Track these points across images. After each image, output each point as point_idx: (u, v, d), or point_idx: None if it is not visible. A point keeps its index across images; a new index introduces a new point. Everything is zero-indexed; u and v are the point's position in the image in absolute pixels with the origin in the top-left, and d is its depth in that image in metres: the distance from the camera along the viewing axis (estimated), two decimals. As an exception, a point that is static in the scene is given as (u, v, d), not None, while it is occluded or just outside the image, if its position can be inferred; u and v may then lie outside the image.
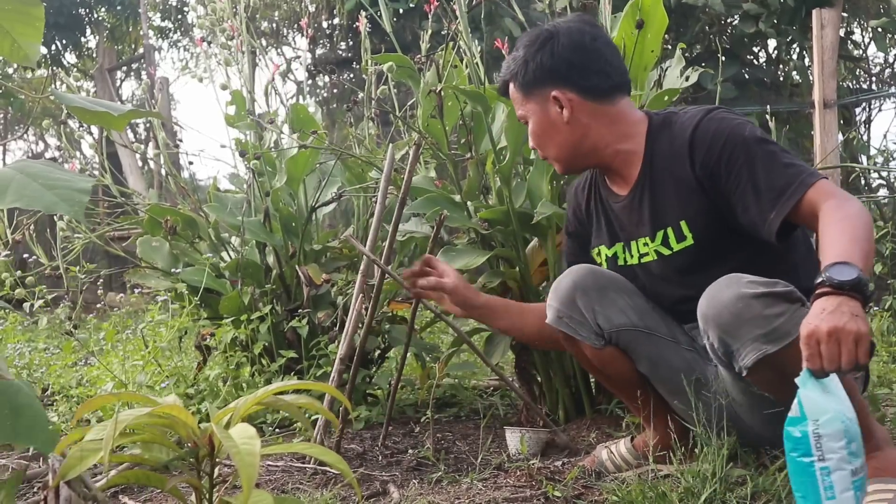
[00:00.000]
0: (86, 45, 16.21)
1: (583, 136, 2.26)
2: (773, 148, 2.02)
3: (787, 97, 8.68)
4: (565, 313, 2.31)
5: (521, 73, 2.28)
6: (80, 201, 1.32)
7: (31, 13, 1.41)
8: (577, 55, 2.22)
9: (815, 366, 1.62)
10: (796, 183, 1.94)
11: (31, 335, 5.17)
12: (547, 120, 2.27)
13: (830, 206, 1.87)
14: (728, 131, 2.06)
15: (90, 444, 1.37)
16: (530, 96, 2.29)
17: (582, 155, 2.30)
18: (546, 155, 2.36)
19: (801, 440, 1.62)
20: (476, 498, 2.22)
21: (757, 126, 2.10)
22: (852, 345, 1.59)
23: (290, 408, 1.60)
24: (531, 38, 2.28)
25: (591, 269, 2.35)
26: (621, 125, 2.26)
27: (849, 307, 1.62)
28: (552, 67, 2.23)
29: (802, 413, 1.62)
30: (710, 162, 2.07)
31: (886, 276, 5.24)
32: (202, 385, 3.33)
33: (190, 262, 3.68)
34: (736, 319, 1.91)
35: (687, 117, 2.16)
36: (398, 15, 9.60)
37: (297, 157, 3.44)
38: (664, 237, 2.22)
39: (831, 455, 1.59)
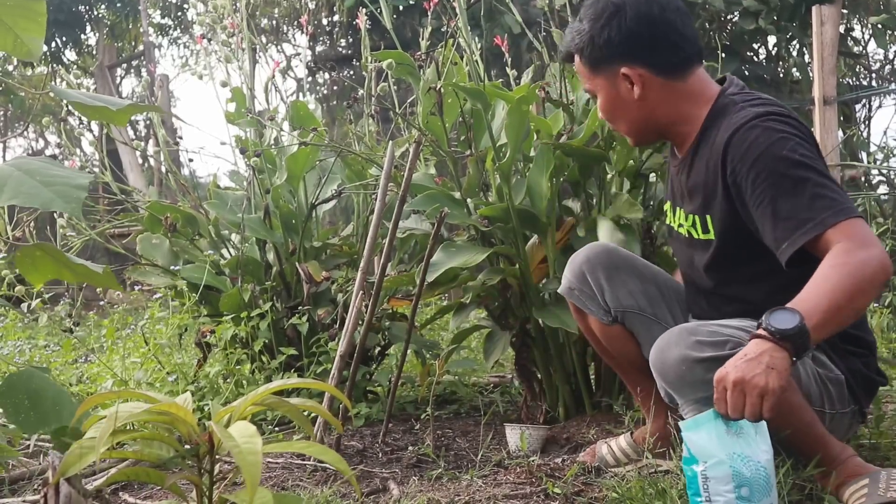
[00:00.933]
0: (86, 43, 16.19)
1: (652, 112, 2.17)
2: (807, 174, 1.87)
3: (787, 94, 8.67)
4: (576, 286, 2.36)
5: (588, 48, 2.16)
6: (78, 198, 1.33)
7: (34, 9, 1.42)
8: (647, 28, 2.10)
9: (720, 410, 1.66)
10: (817, 220, 1.82)
11: (31, 332, 5.17)
12: (617, 96, 2.18)
13: (840, 249, 1.78)
14: (765, 146, 1.92)
15: (90, 441, 1.37)
16: (598, 71, 2.18)
17: (652, 130, 2.23)
18: (616, 128, 2.34)
19: (692, 479, 1.68)
20: (476, 495, 2.22)
21: (802, 141, 1.94)
22: (756, 399, 1.62)
23: (289, 409, 1.60)
24: (597, 10, 2.15)
25: (607, 246, 2.40)
26: (688, 104, 2.15)
27: (770, 358, 1.64)
28: (620, 43, 2.11)
29: (691, 455, 1.68)
30: (740, 172, 1.97)
31: (886, 272, 5.23)
32: (202, 382, 3.34)
33: (190, 259, 3.68)
34: (679, 381, 1.92)
35: (739, 115, 2.03)
36: (398, 12, 9.59)
37: (298, 155, 3.44)
38: (694, 222, 2.18)
39: (717, 497, 1.64)
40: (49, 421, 1.59)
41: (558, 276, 3.00)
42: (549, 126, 2.98)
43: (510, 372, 3.97)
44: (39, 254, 1.55)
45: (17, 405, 1.58)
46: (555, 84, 3.16)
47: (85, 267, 1.57)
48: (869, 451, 2.35)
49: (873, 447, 2.38)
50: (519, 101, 2.84)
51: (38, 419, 1.59)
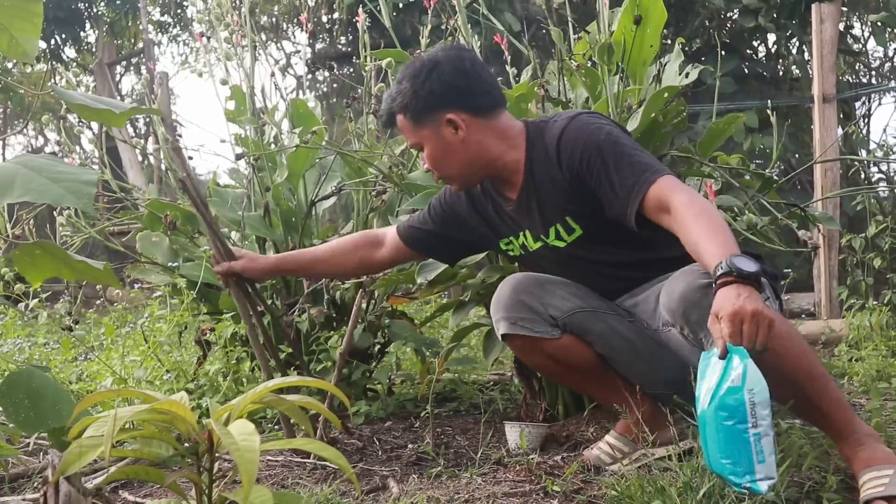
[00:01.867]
0: (85, 40, 16.18)
1: (478, 152, 2.41)
2: (623, 149, 2.23)
3: (786, 91, 8.68)
4: (517, 317, 2.45)
5: (412, 102, 2.38)
6: (88, 193, 1.33)
7: (30, 9, 1.42)
8: (462, 79, 2.37)
9: (735, 342, 1.78)
10: (640, 181, 2.16)
11: (30, 330, 5.17)
12: (443, 143, 2.40)
13: (683, 202, 2.07)
14: (585, 137, 2.27)
15: (89, 440, 1.38)
16: (422, 123, 2.40)
17: (478, 170, 2.46)
18: (443, 175, 2.49)
19: (737, 408, 1.75)
20: (475, 493, 2.23)
21: (613, 127, 2.31)
22: (766, 328, 1.79)
23: (288, 407, 1.60)
24: (415, 69, 2.39)
25: (523, 273, 2.58)
26: (507, 137, 2.43)
27: (746, 293, 1.81)
28: (442, 93, 2.35)
29: (742, 382, 1.76)
30: (574, 165, 2.29)
31: (886, 270, 5.24)
32: (202, 380, 3.34)
33: (190, 257, 3.68)
34: (700, 309, 2.03)
35: (556, 125, 2.35)
36: (398, 10, 9.58)
37: (298, 153, 3.44)
38: (556, 233, 2.43)
39: (762, 422, 1.74)
40: (49, 419, 1.60)
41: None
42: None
43: (510, 370, 3.97)
44: (39, 252, 1.55)
45: (17, 404, 1.58)
46: (553, 82, 3.16)
47: (85, 264, 1.57)
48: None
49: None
50: (518, 99, 2.84)
51: (37, 418, 1.60)
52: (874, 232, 5.35)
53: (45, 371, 1.68)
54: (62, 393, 1.62)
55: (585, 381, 2.59)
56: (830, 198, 4.95)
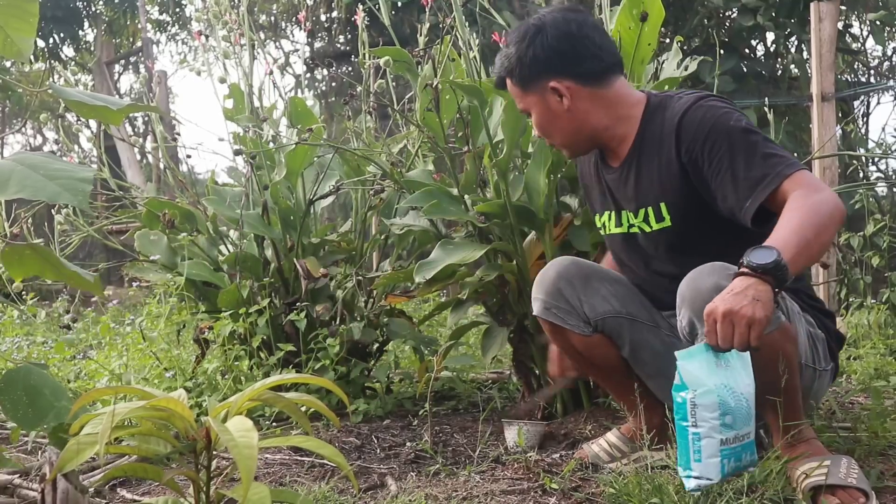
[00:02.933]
0: (84, 39, 16.17)
1: (583, 121, 2.30)
2: (756, 138, 2.06)
3: (785, 90, 8.67)
4: (552, 304, 2.42)
5: (517, 68, 2.31)
6: (84, 190, 1.33)
7: (26, 8, 1.42)
8: (567, 43, 2.26)
9: (711, 342, 1.78)
10: (773, 173, 1.98)
11: (29, 329, 5.17)
12: (548, 110, 2.31)
13: (798, 195, 1.92)
14: (714, 120, 2.10)
15: (87, 437, 1.38)
16: (529, 89, 2.32)
17: (584, 139, 2.35)
18: (552, 143, 2.44)
19: (680, 405, 1.81)
20: (474, 490, 2.23)
21: (745, 116, 2.13)
22: (744, 328, 1.74)
23: (286, 404, 1.60)
24: (520, 33, 2.31)
25: (573, 259, 2.49)
26: (618, 107, 2.30)
27: (755, 291, 1.76)
28: (546, 59, 2.26)
29: (682, 382, 1.80)
30: (695, 149, 2.12)
31: (884, 269, 5.24)
32: (200, 378, 3.34)
33: (188, 255, 3.69)
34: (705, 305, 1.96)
35: (680, 102, 2.20)
36: (396, 8, 9.58)
37: (296, 151, 3.44)
38: (645, 215, 2.30)
39: (703, 423, 1.77)
40: (47, 417, 1.60)
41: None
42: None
43: (508, 368, 3.97)
44: (28, 252, 1.55)
45: (15, 401, 1.58)
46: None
47: (75, 273, 1.57)
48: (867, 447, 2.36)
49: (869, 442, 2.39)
50: (516, 97, 2.84)
51: (35, 415, 1.60)
52: (872, 230, 5.35)
53: (43, 368, 1.68)
54: (60, 390, 1.62)
55: (604, 378, 2.58)
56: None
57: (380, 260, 4.17)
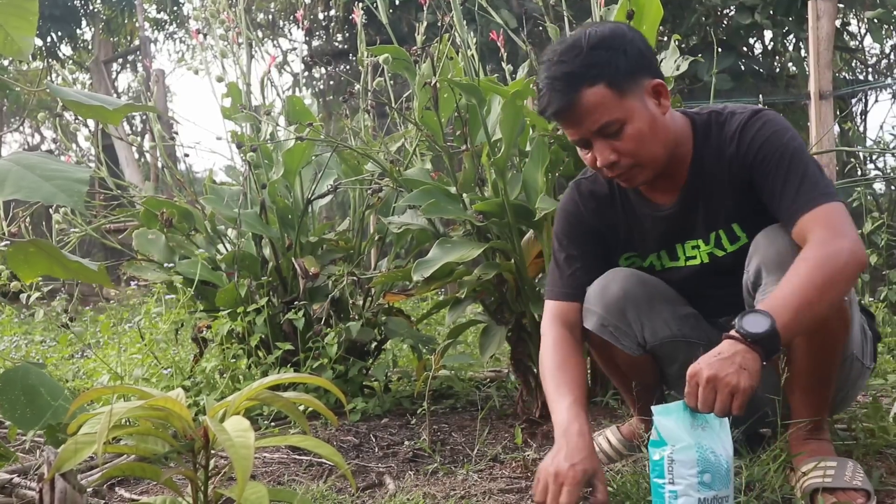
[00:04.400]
0: (81, 37, 16.16)
1: (672, 129, 2.10)
2: (807, 159, 1.98)
3: (783, 88, 8.69)
4: (611, 322, 2.22)
5: (614, 68, 1.97)
6: (79, 191, 1.33)
7: (26, 7, 1.42)
8: (646, 45, 2.07)
9: (690, 404, 1.73)
10: (808, 199, 1.91)
11: (27, 328, 5.17)
12: (650, 116, 2.03)
13: (816, 240, 1.84)
14: (772, 135, 2.01)
15: (85, 436, 1.38)
16: (628, 92, 2.00)
17: (670, 154, 2.10)
18: (642, 160, 2.06)
19: (657, 462, 1.75)
20: (472, 489, 2.23)
21: (795, 135, 2.03)
22: (727, 397, 1.69)
23: (284, 404, 1.60)
24: (603, 34, 2.00)
25: (639, 277, 2.25)
26: (676, 121, 2.12)
27: (742, 359, 1.70)
28: (639, 56, 2.02)
29: (661, 438, 1.75)
30: (755, 163, 2.02)
31: (882, 266, 5.25)
32: (199, 377, 3.34)
33: (186, 254, 3.69)
34: (777, 258, 1.95)
35: (735, 119, 2.08)
36: (394, 6, 9.58)
37: (294, 149, 3.44)
38: (716, 239, 2.17)
39: (680, 480, 1.71)
40: (45, 416, 1.60)
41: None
42: (544, 121, 2.98)
43: (506, 367, 3.98)
44: (33, 250, 1.55)
45: (13, 401, 1.58)
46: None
47: (79, 264, 1.57)
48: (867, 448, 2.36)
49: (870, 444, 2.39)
50: (514, 95, 2.84)
51: (34, 415, 1.59)
52: (870, 229, 5.35)
53: (41, 368, 1.67)
54: (58, 390, 1.62)
55: (625, 386, 2.43)
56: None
57: (378, 258, 4.17)
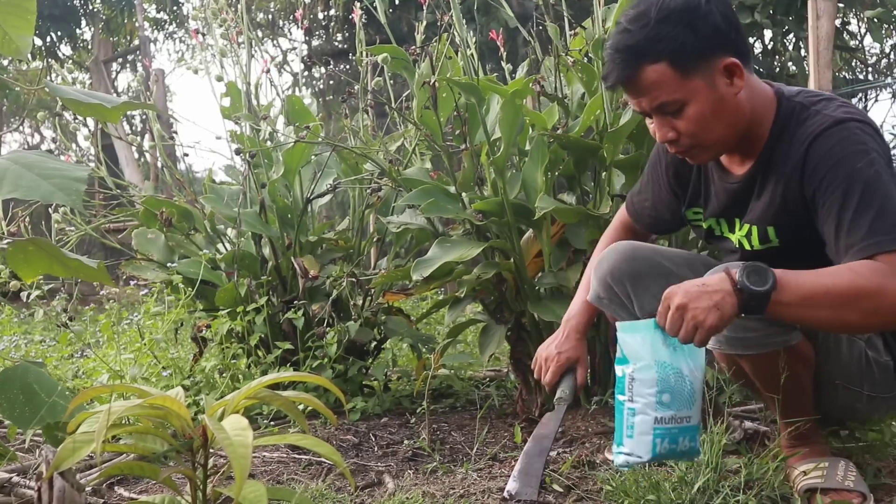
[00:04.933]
0: (81, 37, 16.15)
1: (744, 110, 1.97)
2: (878, 189, 1.79)
3: (783, 88, 8.67)
4: (604, 295, 2.27)
5: (679, 45, 1.87)
6: (77, 190, 1.33)
7: (23, 6, 1.42)
8: (730, 13, 1.93)
9: (660, 323, 1.75)
10: (872, 242, 1.75)
11: (27, 327, 5.17)
12: (716, 97, 1.92)
13: (874, 266, 1.73)
14: (842, 155, 1.84)
15: (83, 435, 1.38)
16: (693, 72, 1.89)
17: (737, 135, 2.00)
18: (703, 142, 1.99)
19: (620, 379, 1.79)
20: (471, 488, 2.23)
21: (880, 153, 1.85)
22: (691, 328, 1.70)
23: (283, 403, 1.61)
24: (672, 4, 1.88)
25: (627, 252, 2.22)
26: (757, 100, 1.99)
27: (721, 299, 1.70)
28: (725, 30, 1.90)
29: (623, 356, 1.79)
30: (814, 183, 1.88)
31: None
32: (198, 377, 3.34)
33: (186, 254, 3.69)
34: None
35: (815, 121, 1.91)
36: (393, 6, 9.58)
37: (293, 149, 3.44)
38: (748, 233, 2.08)
39: (639, 398, 1.75)
40: (44, 415, 1.60)
41: (553, 270, 3.02)
42: (543, 120, 2.98)
43: (506, 366, 3.97)
44: (32, 248, 1.55)
45: (11, 400, 1.58)
46: (549, 78, 3.17)
47: (79, 262, 1.57)
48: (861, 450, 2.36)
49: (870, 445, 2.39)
50: (513, 94, 2.84)
51: (32, 414, 1.59)
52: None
53: (40, 367, 1.68)
54: (57, 388, 1.62)
55: None
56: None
57: (377, 258, 4.17)
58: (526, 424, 2.92)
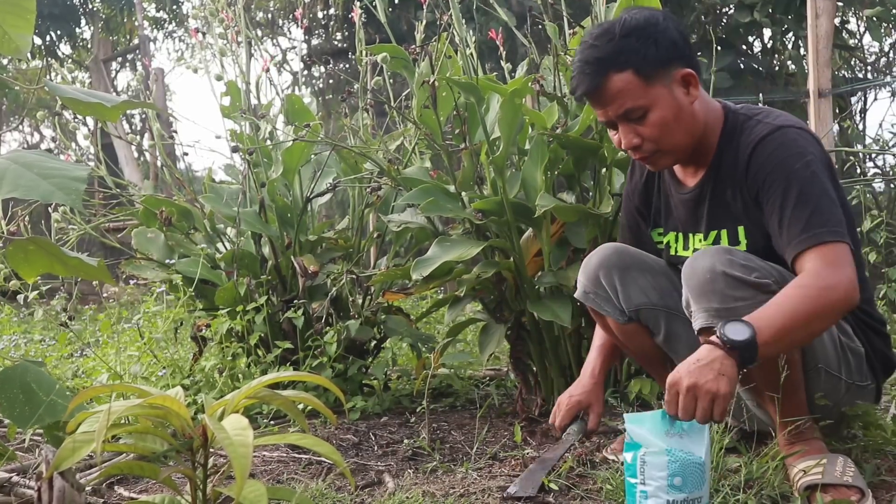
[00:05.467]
0: (81, 36, 16.14)
1: (699, 119, 2.15)
2: (814, 188, 1.97)
3: (782, 86, 8.68)
4: (591, 290, 2.40)
5: (642, 56, 2.04)
6: (77, 190, 1.33)
7: (23, 5, 1.42)
8: (679, 34, 2.11)
9: (671, 412, 1.78)
10: (808, 235, 1.93)
11: (26, 326, 5.17)
12: (676, 104, 2.09)
13: (812, 272, 1.89)
14: (781, 159, 2.02)
15: (83, 435, 1.38)
16: (655, 80, 2.06)
17: (695, 142, 2.17)
18: (664, 147, 2.14)
19: (630, 464, 1.81)
20: (471, 487, 2.23)
21: (818, 156, 2.03)
22: (707, 403, 1.74)
23: (283, 402, 1.60)
24: (638, 22, 2.07)
25: (617, 247, 2.41)
26: (708, 112, 2.17)
27: (721, 365, 1.75)
28: (672, 44, 2.07)
29: (634, 441, 1.81)
30: (757, 185, 2.06)
31: (881, 265, 5.25)
32: (198, 376, 3.34)
33: (185, 253, 3.68)
34: (700, 287, 1.99)
35: (758, 128, 2.09)
36: (393, 5, 9.58)
37: (293, 148, 3.44)
38: (717, 238, 2.21)
39: (651, 481, 1.78)
40: (44, 415, 1.60)
41: (553, 270, 3.02)
42: (543, 119, 2.98)
43: (506, 365, 3.97)
44: (32, 248, 1.55)
45: (11, 399, 1.58)
46: (549, 77, 3.17)
47: (79, 260, 1.57)
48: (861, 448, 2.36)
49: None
50: (512, 94, 2.84)
51: (32, 413, 1.59)
52: (869, 227, 5.35)
53: (40, 366, 1.67)
54: (57, 388, 1.62)
55: (643, 361, 2.58)
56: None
57: (377, 257, 4.17)
58: (526, 423, 2.92)
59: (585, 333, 3.04)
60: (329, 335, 3.25)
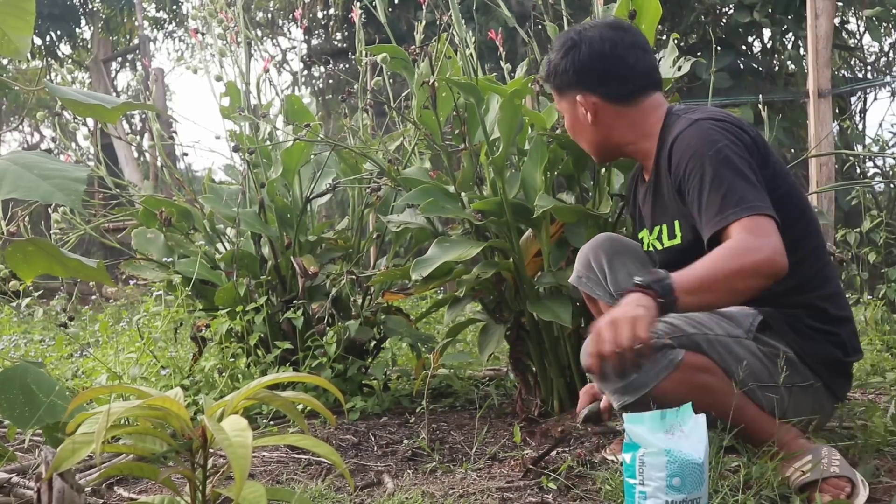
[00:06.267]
0: (80, 36, 16.14)
1: (606, 135, 2.42)
2: (726, 172, 2.07)
3: (781, 86, 8.69)
4: (583, 273, 2.56)
5: (553, 76, 2.44)
6: (77, 190, 1.33)
7: (22, 6, 1.42)
8: (598, 63, 2.35)
9: (590, 362, 1.86)
10: (726, 214, 2.02)
11: (26, 327, 5.17)
12: (575, 119, 2.44)
13: (735, 239, 1.98)
14: (695, 147, 2.15)
15: (83, 436, 1.38)
16: (562, 96, 2.45)
17: (608, 150, 2.48)
18: (581, 146, 2.54)
19: (629, 465, 1.82)
20: (470, 488, 2.23)
21: (732, 142, 2.14)
22: (627, 326, 1.80)
23: (282, 403, 1.61)
24: (560, 43, 2.42)
25: (610, 235, 2.61)
26: (642, 125, 2.37)
27: (636, 300, 1.86)
28: (575, 74, 2.37)
29: (633, 442, 1.82)
30: (679, 174, 2.19)
31: (881, 265, 5.25)
32: (198, 377, 3.34)
33: (185, 253, 3.68)
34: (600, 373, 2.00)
35: (678, 125, 2.24)
36: (393, 5, 9.58)
37: (293, 149, 3.44)
38: (659, 233, 2.38)
39: (650, 482, 1.79)
40: (43, 416, 1.60)
41: (552, 270, 3.02)
42: (542, 119, 2.98)
43: (505, 365, 3.97)
44: (31, 248, 1.55)
45: (11, 400, 1.58)
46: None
47: (78, 261, 1.57)
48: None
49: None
50: (512, 94, 2.84)
51: (32, 414, 1.60)
52: (869, 227, 5.36)
53: (39, 367, 1.68)
54: (57, 389, 1.62)
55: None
56: (825, 191, 4.95)
57: (377, 257, 4.17)
58: (525, 424, 2.92)
59: (585, 333, 3.03)
60: (329, 335, 3.25)
